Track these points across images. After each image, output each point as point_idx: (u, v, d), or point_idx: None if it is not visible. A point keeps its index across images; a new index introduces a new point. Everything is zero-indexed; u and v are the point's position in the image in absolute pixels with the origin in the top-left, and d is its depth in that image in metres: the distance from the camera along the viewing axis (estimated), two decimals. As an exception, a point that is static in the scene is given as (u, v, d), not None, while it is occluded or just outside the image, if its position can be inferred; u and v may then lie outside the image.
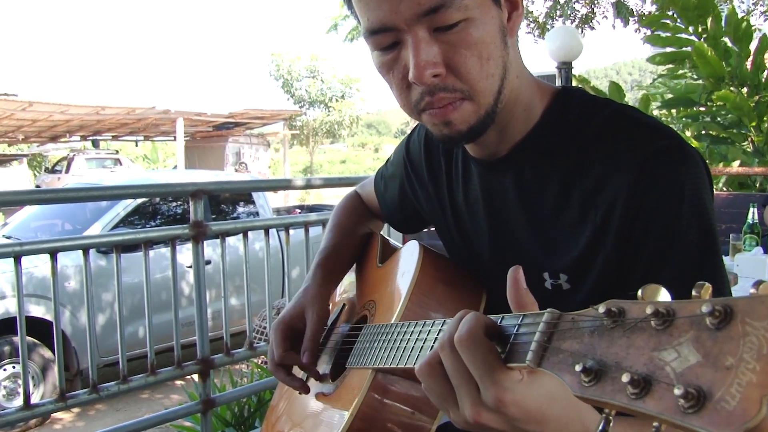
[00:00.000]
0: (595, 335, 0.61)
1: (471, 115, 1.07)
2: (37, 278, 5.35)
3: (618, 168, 1.05)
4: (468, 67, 1.03)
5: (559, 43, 8.03)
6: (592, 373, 0.58)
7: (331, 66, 39.83)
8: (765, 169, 7.87)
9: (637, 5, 12.37)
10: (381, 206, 1.70)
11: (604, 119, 1.11)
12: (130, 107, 21.46)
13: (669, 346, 0.54)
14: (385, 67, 1.09)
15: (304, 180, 4.39)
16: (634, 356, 0.56)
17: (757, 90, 8.49)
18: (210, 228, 3.42)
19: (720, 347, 0.50)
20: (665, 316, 0.55)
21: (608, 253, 1.06)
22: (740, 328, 0.49)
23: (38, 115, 20.16)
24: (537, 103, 1.17)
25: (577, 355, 0.61)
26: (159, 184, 6.29)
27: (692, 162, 1.04)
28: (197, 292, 3.45)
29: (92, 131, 25.28)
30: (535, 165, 1.16)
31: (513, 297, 0.78)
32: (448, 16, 1.00)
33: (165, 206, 7.20)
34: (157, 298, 5.19)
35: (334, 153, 57.94)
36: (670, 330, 0.54)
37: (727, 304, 0.50)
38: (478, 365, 0.74)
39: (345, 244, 1.66)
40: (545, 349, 0.66)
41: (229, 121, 26.00)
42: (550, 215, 1.14)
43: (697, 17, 8.51)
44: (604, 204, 1.06)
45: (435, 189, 1.43)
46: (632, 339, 0.57)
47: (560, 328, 0.66)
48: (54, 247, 2.92)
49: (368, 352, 1.20)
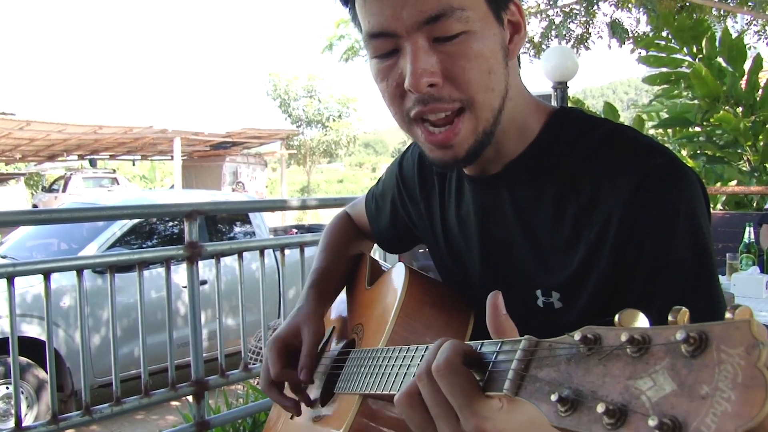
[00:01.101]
0: (572, 363, 0.60)
1: (470, 134, 1.06)
2: (32, 297, 5.33)
3: (613, 186, 1.04)
4: (469, 76, 1.03)
5: (554, 63, 8.06)
6: (568, 402, 0.57)
7: (329, 86, 39.90)
8: (761, 188, 7.87)
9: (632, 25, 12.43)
10: (372, 226, 1.70)
11: (600, 137, 1.11)
12: (127, 126, 21.46)
13: (645, 374, 0.52)
14: (381, 74, 1.09)
15: (299, 200, 4.39)
16: (609, 385, 0.55)
17: (753, 110, 8.51)
18: (205, 249, 3.42)
19: (695, 375, 0.49)
20: (641, 343, 0.54)
21: (602, 271, 1.05)
22: (715, 356, 0.48)
23: (36, 134, 20.16)
24: (533, 122, 1.17)
25: (553, 384, 0.60)
26: (154, 205, 6.29)
27: (688, 180, 1.04)
28: (191, 312, 3.44)
29: (90, 150, 25.27)
30: (530, 182, 1.16)
31: (492, 323, 0.77)
32: (449, 26, 1.00)
33: (161, 226, 7.18)
34: (153, 318, 5.16)
35: (332, 172, 57.95)
36: (646, 357, 0.53)
37: (702, 331, 0.49)
38: (457, 395, 0.73)
39: (336, 265, 1.65)
40: (522, 377, 0.65)
41: (227, 141, 26.01)
42: (545, 232, 1.13)
43: (692, 38, 8.55)
44: (599, 222, 1.05)
45: (427, 207, 1.42)
46: (608, 367, 0.56)
47: (538, 355, 0.65)
48: (48, 268, 2.92)
49: (355, 377, 1.19)
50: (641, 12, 12.09)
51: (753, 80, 8.49)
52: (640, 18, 12.38)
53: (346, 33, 15.99)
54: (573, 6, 12.32)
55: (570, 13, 12.42)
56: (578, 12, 12.32)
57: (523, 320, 0.86)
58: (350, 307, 1.60)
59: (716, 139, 9.11)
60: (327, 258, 1.66)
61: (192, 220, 3.32)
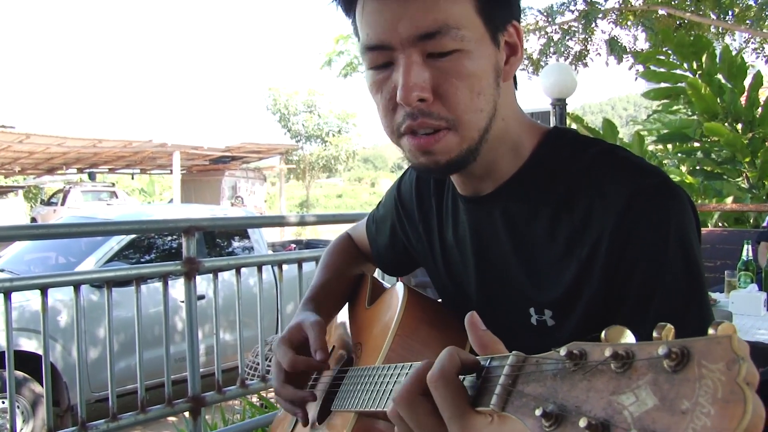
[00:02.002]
0: (558, 378, 0.60)
1: (453, 147, 1.07)
2: (29, 312, 5.32)
3: (604, 205, 1.05)
4: (457, 96, 1.04)
5: (553, 80, 8.08)
6: (553, 417, 0.58)
7: (328, 101, 40.05)
8: (759, 206, 7.89)
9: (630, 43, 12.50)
10: (372, 248, 1.70)
11: (592, 157, 1.12)
12: (127, 140, 21.50)
13: (627, 390, 0.53)
14: (375, 86, 1.10)
15: (298, 217, 4.40)
16: (593, 400, 0.55)
17: (752, 126, 8.55)
18: (203, 264, 3.42)
19: (677, 390, 0.49)
20: (624, 358, 0.55)
21: (594, 289, 1.06)
22: (696, 371, 0.49)
23: (35, 148, 20.19)
24: (527, 142, 1.18)
25: (539, 399, 0.61)
26: (152, 221, 6.29)
27: (678, 200, 1.04)
28: (189, 328, 3.44)
29: (89, 164, 25.31)
30: (522, 201, 1.16)
31: (474, 341, 0.78)
32: (444, 43, 1.02)
33: (160, 240, 7.19)
34: (150, 332, 5.16)
35: (331, 187, 58.00)
36: (629, 373, 0.54)
37: (684, 346, 0.50)
38: (447, 406, 0.73)
39: (335, 282, 1.64)
40: (509, 392, 0.66)
41: (226, 155, 26.05)
42: (537, 251, 1.14)
43: (692, 53, 8.60)
44: (590, 240, 1.05)
45: (425, 229, 1.43)
46: (592, 382, 0.57)
47: (525, 371, 0.66)
48: (45, 283, 2.92)
49: (351, 395, 1.19)
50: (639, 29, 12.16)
51: (753, 97, 8.53)
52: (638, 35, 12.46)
53: (345, 49, 16.08)
54: (571, 23, 12.38)
55: (568, 31, 12.49)
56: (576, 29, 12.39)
57: (518, 338, 0.87)
58: (350, 326, 1.60)
59: (714, 155, 9.14)
60: (326, 276, 1.66)
61: (190, 236, 3.33)
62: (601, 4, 11.85)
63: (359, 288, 1.67)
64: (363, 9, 1.07)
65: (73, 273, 3.82)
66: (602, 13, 11.81)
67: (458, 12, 1.03)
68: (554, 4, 12.16)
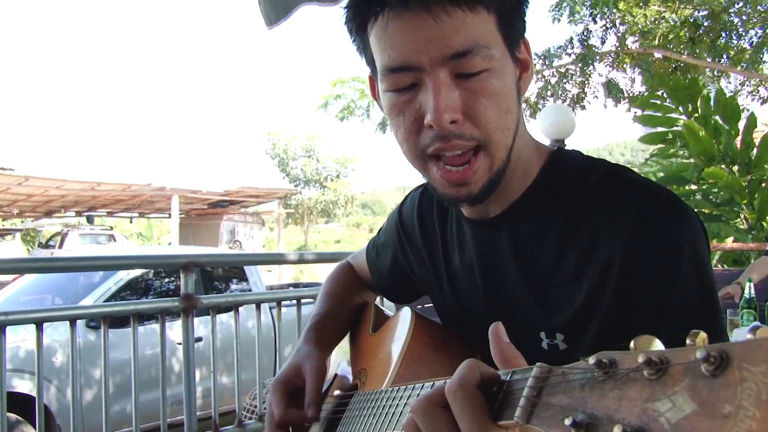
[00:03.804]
0: (586, 388, 0.58)
1: (485, 173, 1.06)
2: (24, 352, 5.24)
3: (613, 226, 1.03)
4: (487, 116, 1.02)
5: (551, 121, 8.13)
6: (583, 427, 0.55)
7: (327, 145, 40.30)
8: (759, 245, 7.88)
9: (627, 85, 12.64)
10: (373, 276, 1.68)
11: (599, 178, 1.11)
12: (125, 183, 21.55)
13: (663, 396, 0.51)
14: (396, 108, 1.07)
15: (297, 255, 4.38)
16: (626, 408, 0.53)
17: (749, 168, 8.58)
18: (201, 301, 3.38)
19: (717, 395, 0.47)
20: (658, 365, 0.52)
21: (605, 312, 1.04)
22: (737, 374, 0.47)
23: (34, 190, 20.21)
24: (534, 163, 1.17)
25: (567, 410, 0.58)
26: (150, 255, 6.26)
27: (688, 218, 1.03)
28: (186, 367, 3.39)
29: (87, 207, 25.33)
30: (530, 223, 1.15)
31: (496, 352, 0.75)
32: (474, 63, 1.00)
33: (157, 282, 7.13)
34: (147, 374, 5.09)
35: (329, 233, 58.00)
36: (664, 379, 0.51)
37: (723, 350, 0.48)
38: (466, 418, 0.70)
39: (337, 311, 1.62)
40: (534, 404, 0.63)
41: (225, 199, 26.10)
42: (546, 274, 1.12)
43: (687, 97, 8.68)
44: (600, 262, 1.04)
45: (429, 255, 1.40)
46: (624, 391, 0.54)
47: (550, 382, 0.63)
48: (40, 318, 2.87)
49: (357, 420, 1.16)
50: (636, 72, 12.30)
51: (748, 139, 8.59)
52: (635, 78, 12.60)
53: (342, 93, 16.18)
54: (569, 66, 12.53)
55: (566, 74, 12.65)
56: (574, 72, 12.54)
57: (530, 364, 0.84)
58: (354, 354, 1.57)
59: (712, 198, 9.16)
60: (327, 304, 1.64)
61: (188, 272, 3.29)
62: (597, 48, 12.02)
63: (362, 316, 1.64)
64: (385, 29, 1.03)
65: (69, 307, 3.77)
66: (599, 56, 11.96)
67: (485, 30, 1.02)
68: (551, 48, 12.34)
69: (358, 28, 1.11)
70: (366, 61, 1.15)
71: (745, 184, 8.55)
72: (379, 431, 1.02)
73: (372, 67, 1.14)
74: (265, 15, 2.70)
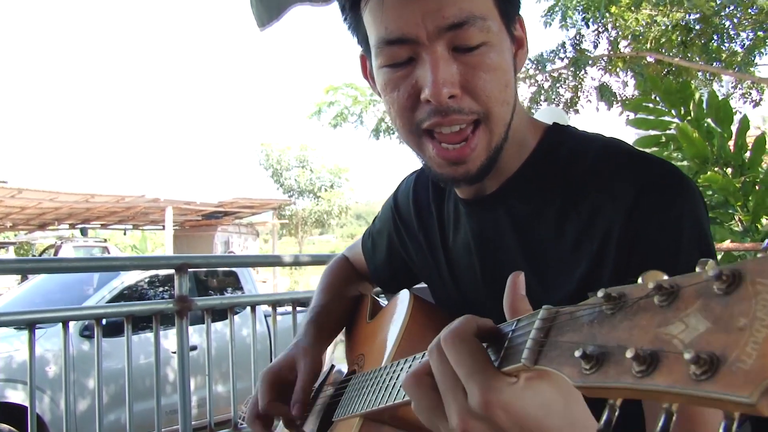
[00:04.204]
0: (595, 323, 0.57)
1: (483, 150, 1.05)
2: (17, 362, 5.20)
3: (612, 198, 1.02)
4: (487, 90, 1.01)
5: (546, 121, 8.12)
6: (593, 358, 0.54)
7: (321, 156, 40.29)
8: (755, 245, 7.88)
9: (620, 89, 12.70)
10: (368, 265, 1.66)
11: (597, 151, 1.10)
12: (119, 195, 21.48)
13: (675, 320, 0.50)
14: (392, 83, 1.06)
15: (292, 257, 4.34)
16: (638, 336, 0.52)
17: (742, 170, 8.59)
18: (195, 303, 3.35)
19: (731, 310, 0.46)
20: (669, 290, 0.51)
21: (605, 284, 1.02)
22: (751, 289, 0.46)
23: (27, 203, 20.13)
24: (530, 138, 1.17)
25: (577, 344, 0.57)
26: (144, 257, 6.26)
27: (689, 190, 1.02)
28: (180, 373, 3.34)
29: (81, 219, 25.24)
30: (527, 199, 1.14)
31: (509, 302, 0.73)
32: (471, 35, 0.99)
33: (152, 291, 7.11)
34: (141, 384, 5.04)
35: (323, 244, 57.91)
36: (676, 304, 0.50)
37: (735, 268, 0.47)
38: (464, 364, 0.68)
39: (335, 304, 1.62)
40: (542, 344, 0.62)
41: (219, 210, 26.05)
42: (545, 249, 1.11)
43: (680, 100, 8.69)
44: (599, 235, 1.03)
45: (426, 239, 1.39)
46: (635, 321, 0.53)
47: (558, 322, 0.62)
48: (33, 319, 2.83)
49: (356, 400, 1.14)
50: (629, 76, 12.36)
51: (741, 141, 8.59)
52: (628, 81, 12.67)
53: (335, 99, 16.13)
54: (561, 71, 12.58)
55: (559, 78, 12.70)
56: (567, 77, 12.59)
57: None
58: (350, 342, 1.56)
59: (707, 200, 9.17)
60: (326, 297, 1.63)
61: (182, 274, 3.26)
62: (590, 52, 12.08)
63: (359, 307, 1.64)
64: (381, 2, 1.02)
65: (62, 309, 3.71)
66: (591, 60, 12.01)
67: (481, 3, 1.01)
68: (544, 52, 12.40)
69: (351, 5, 1.10)
70: (358, 40, 1.14)
71: (738, 186, 8.55)
72: (379, 405, 1.00)
73: (364, 46, 1.13)
74: (257, 16, 2.69)
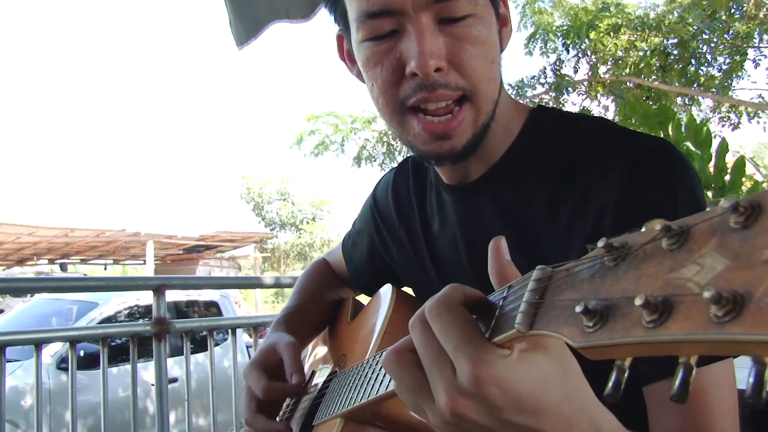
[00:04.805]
0: (596, 277, 0.51)
1: (469, 126, 1.01)
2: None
3: (605, 175, 0.98)
4: (473, 64, 0.97)
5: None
6: (597, 313, 0.48)
7: (302, 188, 40.21)
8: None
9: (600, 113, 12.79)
10: (348, 267, 1.61)
11: (583, 132, 1.07)
12: (99, 229, 21.27)
13: (688, 262, 0.44)
14: (375, 58, 1.01)
15: (273, 278, 4.27)
16: (646, 285, 0.46)
17: (722, 192, 8.65)
18: (174, 325, 3.26)
19: (752, 244, 0.40)
20: (678, 231, 0.46)
21: None
22: None
23: (5, 237, 19.86)
24: (515, 120, 1.13)
25: (576, 301, 0.51)
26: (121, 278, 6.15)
27: (683, 162, 0.99)
28: (158, 398, 3.24)
29: (60, 254, 24.94)
30: (515, 183, 1.10)
31: (495, 269, 0.68)
32: (458, 6, 0.96)
33: (132, 321, 7.03)
34: (120, 416, 4.92)
35: (306, 275, 57.71)
36: (687, 245, 0.45)
37: (752, 199, 0.42)
38: (451, 336, 0.62)
39: (308, 306, 1.57)
40: (538, 307, 0.55)
41: (200, 244, 25.85)
42: (537, 233, 1.06)
43: (658, 124, 8.77)
44: (593, 213, 0.98)
45: (408, 234, 1.34)
46: (641, 269, 0.47)
47: (554, 281, 0.56)
48: (5, 341, 2.73)
49: (337, 399, 1.08)
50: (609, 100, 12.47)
51: (720, 164, 8.65)
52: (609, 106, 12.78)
53: (316, 128, 16.01)
54: (542, 96, 12.67)
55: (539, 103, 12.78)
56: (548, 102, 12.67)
57: None
58: (332, 346, 1.51)
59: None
60: (298, 300, 1.58)
61: (160, 295, 3.17)
62: (570, 77, 12.17)
63: (339, 311, 1.59)
64: None
65: (36, 331, 3.61)
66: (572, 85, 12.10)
67: None
68: (524, 78, 12.49)
69: None
70: (335, 18, 1.11)
71: (719, 209, 8.60)
72: (360, 401, 0.94)
73: (342, 23, 1.09)
74: (235, 35, 2.67)
